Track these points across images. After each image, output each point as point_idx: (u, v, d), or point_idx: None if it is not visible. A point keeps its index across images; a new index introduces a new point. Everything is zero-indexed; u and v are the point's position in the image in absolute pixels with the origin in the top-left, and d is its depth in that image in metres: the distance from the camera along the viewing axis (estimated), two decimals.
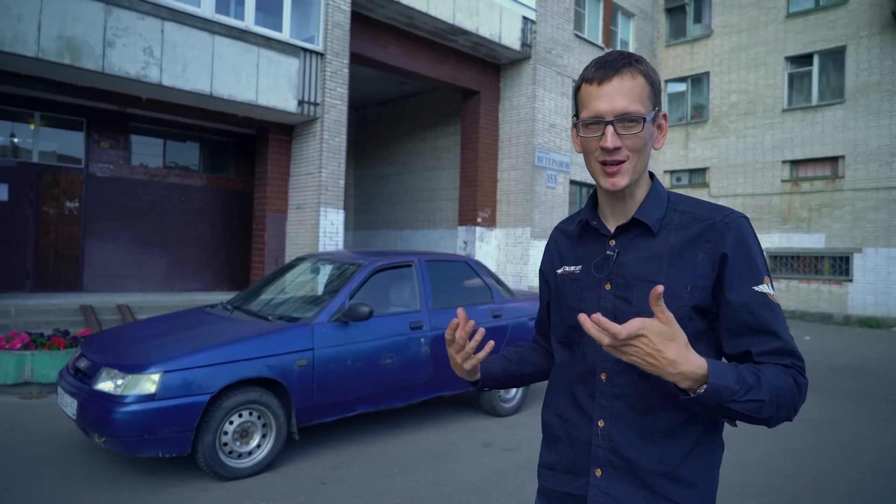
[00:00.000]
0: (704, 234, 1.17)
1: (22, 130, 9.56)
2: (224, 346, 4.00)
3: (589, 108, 1.16)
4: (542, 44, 13.47)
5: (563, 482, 1.28)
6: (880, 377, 8.00)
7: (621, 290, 1.20)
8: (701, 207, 1.22)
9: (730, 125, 16.26)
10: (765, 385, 1.05)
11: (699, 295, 1.15)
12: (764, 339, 1.12)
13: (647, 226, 1.21)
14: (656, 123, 1.20)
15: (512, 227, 13.60)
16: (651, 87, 1.16)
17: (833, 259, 14.53)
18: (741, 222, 1.17)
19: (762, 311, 1.12)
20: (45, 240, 9.67)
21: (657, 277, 1.16)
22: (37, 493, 3.61)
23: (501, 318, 5.58)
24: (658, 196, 1.24)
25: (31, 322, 7.32)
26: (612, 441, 1.19)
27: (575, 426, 1.26)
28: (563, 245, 1.38)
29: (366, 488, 3.84)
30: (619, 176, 1.17)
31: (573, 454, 1.26)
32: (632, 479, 1.17)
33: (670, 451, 1.15)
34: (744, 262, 1.14)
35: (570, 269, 1.32)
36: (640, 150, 1.16)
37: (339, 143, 9.97)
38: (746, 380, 1.03)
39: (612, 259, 1.23)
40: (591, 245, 1.29)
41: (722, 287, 1.14)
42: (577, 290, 1.28)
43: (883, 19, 13.79)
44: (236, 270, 11.79)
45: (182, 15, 8.28)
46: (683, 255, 1.17)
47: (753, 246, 1.16)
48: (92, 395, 3.72)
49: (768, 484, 4.10)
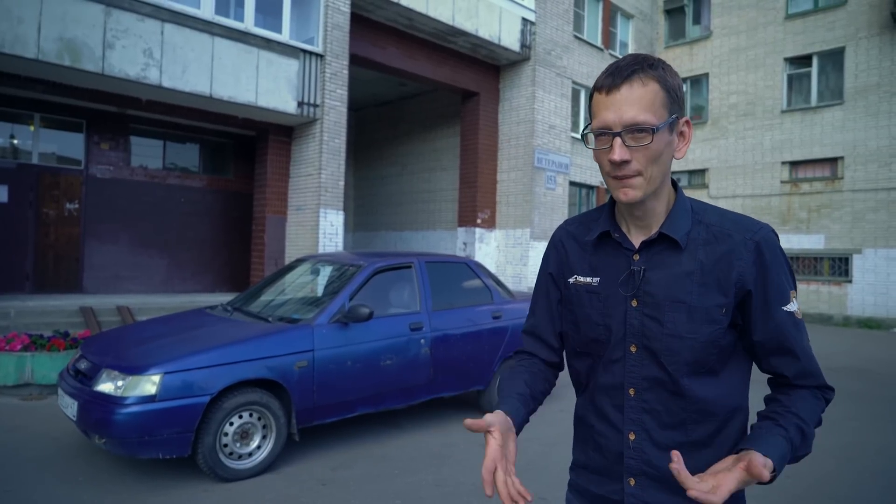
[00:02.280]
0: (735, 252, 1.14)
1: (22, 132, 9.56)
2: (224, 347, 4.00)
3: (598, 118, 1.12)
4: (542, 45, 13.49)
5: (595, 483, 1.28)
6: (880, 378, 8.00)
7: (650, 308, 1.17)
8: (727, 220, 1.18)
9: (729, 126, 16.28)
10: (809, 433, 1.12)
11: (732, 314, 1.15)
12: (796, 363, 1.17)
13: (675, 241, 1.16)
14: (677, 131, 1.14)
15: (511, 229, 13.61)
16: (667, 94, 1.10)
17: (832, 260, 14.54)
18: (771, 239, 1.15)
19: (791, 331, 1.15)
20: (45, 241, 9.67)
21: (690, 298, 1.14)
22: (37, 495, 3.60)
23: (501, 319, 5.58)
24: (684, 208, 1.19)
25: (31, 323, 7.32)
26: (644, 453, 1.19)
27: (603, 436, 1.25)
28: (574, 251, 1.31)
29: (366, 489, 3.84)
30: (632, 189, 1.11)
31: (603, 460, 1.25)
32: (666, 487, 1.17)
33: (703, 460, 1.14)
34: (772, 281, 1.14)
35: (587, 281, 1.26)
36: (653, 161, 1.10)
37: (338, 145, 9.98)
38: (795, 441, 1.10)
39: (638, 275, 1.18)
40: (612, 258, 1.23)
41: (751, 306, 1.15)
42: (598, 304, 1.23)
43: (882, 20, 13.81)
44: (236, 272, 11.79)
45: (182, 16, 8.29)
46: (714, 273, 1.14)
47: (781, 263, 1.15)
48: (92, 396, 3.72)
49: (769, 485, 4.09)
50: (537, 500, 3.73)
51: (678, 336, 1.13)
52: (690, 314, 1.13)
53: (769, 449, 1.04)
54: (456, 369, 5.20)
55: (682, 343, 1.13)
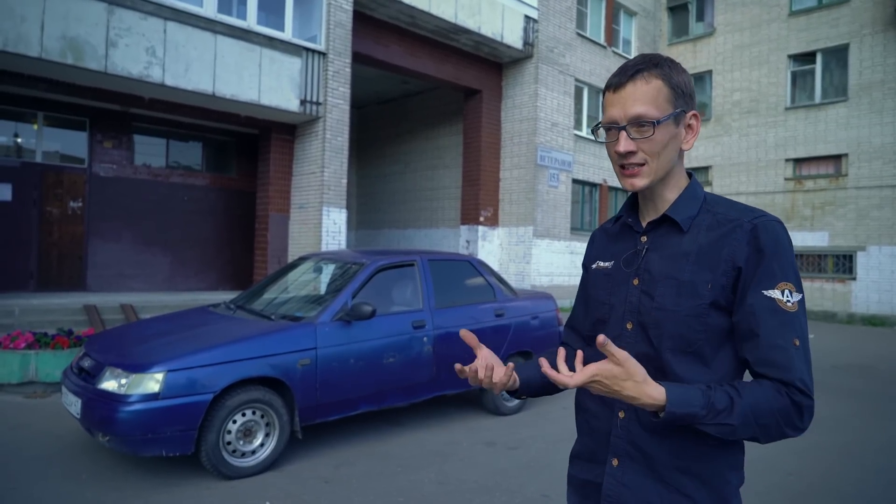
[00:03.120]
0: (731, 233, 1.16)
1: (25, 130, 9.59)
2: (227, 345, 4.01)
3: (606, 114, 1.21)
4: (545, 42, 13.46)
5: (584, 469, 1.32)
6: (884, 375, 7.98)
7: (647, 285, 1.22)
8: (734, 209, 1.21)
9: (732, 123, 16.23)
10: (738, 409, 1.05)
11: (718, 292, 1.14)
12: (761, 349, 1.10)
13: (677, 223, 1.22)
14: (684, 124, 1.21)
15: (514, 226, 13.60)
16: (671, 90, 1.18)
17: (836, 257, 14.49)
18: (771, 225, 1.15)
19: (766, 318, 1.10)
20: (49, 239, 9.70)
21: (682, 275, 1.17)
22: (41, 492, 3.62)
23: (504, 317, 5.58)
24: (693, 196, 1.25)
25: (35, 321, 7.35)
26: (630, 432, 1.21)
27: (596, 416, 1.29)
28: (601, 242, 1.41)
29: (369, 487, 3.85)
30: (637, 178, 1.20)
31: (594, 443, 1.29)
32: (647, 471, 1.19)
33: (686, 447, 1.16)
34: (761, 264, 1.12)
35: (604, 265, 1.35)
36: (657, 152, 1.18)
37: (341, 143, 9.98)
38: (715, 405, 1.05)
39: (641, 254, 1.26)
40: (625, 242, 1.32)
41: (737, 286, 1.14)
42: (607, 285, 1.31)
43: (886, 17, 13.74)
44: (239, 270, 11.81)
45: (184, 15, 8.29)
46: (709, 253, 1.17)
47: (778, 249, 1.13)
48: (96, 394, 3.74)
49: (772, 482, 4.09)
50: (540, 497, 3.73)
51: (664, 309, 1.18)
52: (679, 289, 1.17)
53: (675, 393, 1.06)
54: None
55: (666, 315, 1.17)
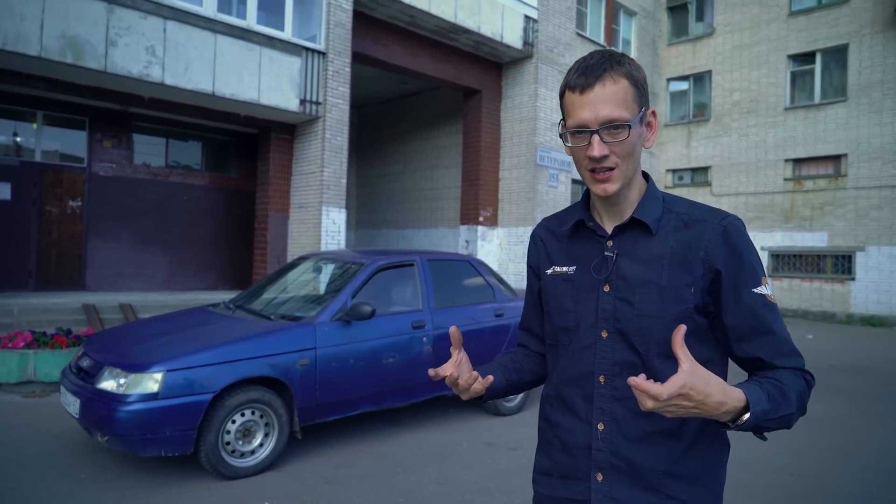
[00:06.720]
0: (702, 235, 1.17)
1: (25, 129, 9.57)
2: (226, 345, 4.00)
3: (574, 116, 1.14)
4: (544, 42, 13.45)
5: (560, 488, 1.26)
6: (883, 375, 7.98)
7: (622, 291, 1.18)
8: (696, 209, 1.22)
9: (732, 124, 16.22)
10: (790, 396, 1.08)
11: (699, 296, 1.16)
12: (771, 343, 1.14)
13: (646, 226, 1.20)
14: (645, 122, 1.17)
15: (514, 226, 13.59)
16: (636, 89, 1.14)
17: (836, 258, 14.50)
18: (738, 224, 1.18)
19: (764, 313, 1.14)
20: (48, 239, 9.69)
21: (661, 280, 1.16)
22: (39, 492, 3.61)
23: (503, 317, 5.58)
24: (654, 196, 1.23)
25: (33, 321, 7.33)
26: (612, 444, 1.17)
27: (570, 431, 1.24)
28: (551, 244, 1.34)
29: (368, 487, 3.85)
30: (610, 183, 1.15)
31: (569, 459, 1.24)
32: (634, 481, 1.16)
33: (671, 450, 1.15)
34: (742, 265, 1.15)
35: (563, 270, 1.29)
36: (628, 154, 1.14)
37: (340, 143, 9.97)
38: (775, 397, 1.06)
39: (611, 260, 1.21)
40: (586, 245, 1.26)
41: (721, 289, 1.15)
42: (571, 292, 1.26)
43: (885, 17, 13.75)
44: (238, 270, 11.80)
45: (184, 14, 8.28)
46: (682, 256, 1.16)
47: (750, 248, 1.17)
48: (95, 393, 3.73)
49: (771, 482, 4.09)
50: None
51: (649, 315, 1.15)
52: (661, 294, 1.15)
53: (749, 391, 1.03)
54: None
55: (653, 322, 1.15)
